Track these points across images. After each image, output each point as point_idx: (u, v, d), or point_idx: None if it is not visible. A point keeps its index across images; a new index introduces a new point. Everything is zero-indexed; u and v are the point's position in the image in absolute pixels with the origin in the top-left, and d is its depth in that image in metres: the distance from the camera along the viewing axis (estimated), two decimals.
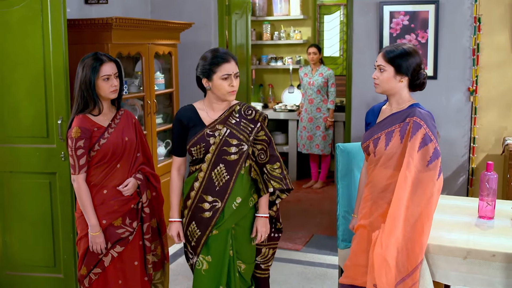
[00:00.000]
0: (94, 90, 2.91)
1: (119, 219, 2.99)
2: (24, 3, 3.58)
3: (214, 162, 2.77)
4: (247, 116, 2.83)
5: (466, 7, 4.51)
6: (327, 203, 6.19)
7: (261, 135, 2.85)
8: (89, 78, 2.89)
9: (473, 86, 4.57)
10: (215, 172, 2.77)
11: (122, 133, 2.99)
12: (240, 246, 2.90)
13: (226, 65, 2.74)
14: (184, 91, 5.17)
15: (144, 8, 5.22)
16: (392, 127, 2.66)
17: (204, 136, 2.77)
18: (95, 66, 2.90)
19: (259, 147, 2.86)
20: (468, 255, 2.53)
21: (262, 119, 2.85)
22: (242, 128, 2.80)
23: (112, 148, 2.94)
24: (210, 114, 2.83)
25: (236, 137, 2.77)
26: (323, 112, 6.56)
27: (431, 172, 2.53)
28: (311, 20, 7.53)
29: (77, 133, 2.87)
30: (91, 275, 3.00)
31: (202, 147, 2.76)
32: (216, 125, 2.79)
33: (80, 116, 2.92)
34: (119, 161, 2.98)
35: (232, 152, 2.76)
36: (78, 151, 2.88)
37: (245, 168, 2.82)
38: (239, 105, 2.86)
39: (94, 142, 2.91)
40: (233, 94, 2.78)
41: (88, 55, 2.96)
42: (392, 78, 2.66)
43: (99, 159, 2.93)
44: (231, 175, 2.77)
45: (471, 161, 4.65)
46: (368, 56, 4.80)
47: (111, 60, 2.96)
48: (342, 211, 3.31)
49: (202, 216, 2.79)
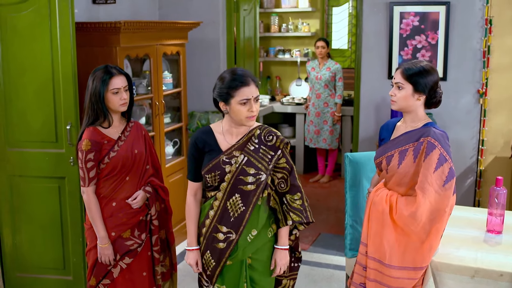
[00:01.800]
0: (103, 103, 2.92)
1: (128, 231, 3.01)
2: (32, 8, 3.57)
3: (229, 191, 2.59)
4: (267, 142, 2.63)
5: (477, 8, 4.47)
6: (334, 198, 6.21)
7: (282, 162, 2.65)
8: (98, 90, 2.90)
9: (482, 89, 4.54)
10: (230, 202, 2.60)
11: (132, 146, 3.01)
12: (259, 277, 2.74)
13: (245, 89, 2.53)
14: (192, 89, 5.17)
15: (152, 7, 5.19)
16: (406, 146, 2.66)
17: (220, 163, 2.59)
18: (105, 79, 2.90)
19: (280, 176, 2.65)
20: (476, 274, 2.54)
21: (283, 146, 2.64)
22: (261, 155, 2.61)
23: (122, 161, 2.95)
24: (227, 138, 2.65)
25: (254, 166, 2.59)
26: (330, 107, 6.54)
27: (447, 192, 2.54)
28: (319, 12, 7.47)
29: (87, 146, 2.89)
30: (100, 285, 3.03)
31: (217, 175, 2.59)
32: (233, 152, 2.61)
33: (91, 129, 2.93)
34: (128, 173, 3.00)
35: (249, 182, 2.58)
36: (88, 164, 2.90)
37: (263, 198, 2.64)
38: (259, 129, 2.66)
39: (104, 154, 2.93)
40: (253, 119, 2.58)
41: (99, 68, 2.96)
42: (410, 96, 2.65)
43: (108, 172, 2.95)
44: (247, 206, 2.59)
45: (479, 163, 4.64)
46: (377, 56, 4.78)
47: (121, 73, 2.96)
48: (350, 220, 3.32)
49: (216, 246, 2.64)
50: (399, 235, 2.63)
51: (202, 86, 5.25)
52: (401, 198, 2.63)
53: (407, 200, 2.59)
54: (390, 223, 2.64)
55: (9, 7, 3.60)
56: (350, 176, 3.31)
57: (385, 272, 2.64)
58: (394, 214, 2.61)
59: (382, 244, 2.65)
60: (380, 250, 2.66)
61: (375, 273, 2.69)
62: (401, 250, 2.62)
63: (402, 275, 2.61)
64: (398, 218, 2.59)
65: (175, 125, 4.86)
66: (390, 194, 2.67)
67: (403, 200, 2.61)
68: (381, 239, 2.65)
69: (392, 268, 2.62)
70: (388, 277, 2.64)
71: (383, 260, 2.65)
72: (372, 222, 2.71)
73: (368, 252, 2.72)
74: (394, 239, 2.63)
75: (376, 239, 2.68)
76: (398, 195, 2.66)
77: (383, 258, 2.65)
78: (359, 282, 2.80)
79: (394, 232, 2.64)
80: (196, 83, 5.24)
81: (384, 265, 2.64)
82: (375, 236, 2.69)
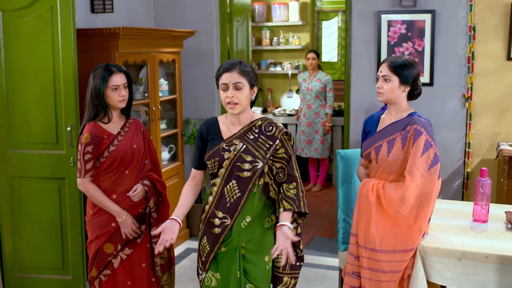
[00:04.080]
0: (103, 99, 3.05)
1: None
2: (34, 14, 3.71)
3: (227, 177, 2.69)
4: (266, 132, 2.70)
5: (461, 16, 4.66)
6: (326, 206, 6.33)
7: (281, 152, 2.71)
8: (98, 87, 3.03)
9: (468, 93, 4.71)
10: (227, 188, 2.69)
11: (131, 141, 3.13)
12: (251, 268, 2.76)
13: (225, 74, 2.63)
14: (187, 97, 5.30)
15: (147, 17, 5.34)
16: (394, 135, 2.80)
17: (219, 150, 2.69)
18: (105, 76, 3.03)
19: (278, 165, 2.72)
20: (463, 256, 2.66)
21: (282, 136, 2.70)
22: (259, 144, 2.68)
23: (121, 155, 3.07)
24: (230, 128, 2.74)
25: (251, 154, 2.66)
26: (321, 117, 6.70)
27: (432, 176, 2.69)
28: (309, 26, 7.67)
29: (87, 139, 3.01)
30: (101, 276, 3.13)
31: (217, 162, 2.69)
32: (233, 140, 2.69)
33: (92, 124, 3.06)
34: (128, 167, 3.11)
35: (246, 168, 2.66)
36: (86, 156, 3.02)
37: (258, 186, 2.71)
38: (261, 120, 2.73)
39: (103, 149, 3.05)
40: (233, 107, 2.63)
41: (100, 66, 3.09)
42: (396, 88, 2.80)
43: (108, 165, 3.07)
44: (242, 193, 2.68)
45: (466, 166, 4.79)
46: (366, 64, 4.94)
47: (121, 71, 3.10)
48: (343, 215, 3.44)
49: (212, 231, 2.72)
50: (387, 222, 2.76)
51: (196, 94, 5.39)
52: (389, 183, 2.77)
53: (395, 185, 2.73)
54: (379, 211, 2.77)
55: (12, 13, 3.74)
56: (342, 171, 3.44)
57: (377, 258, 2.76)
58: (383, 199, 2.73)
59: (372, 233, 2.77)
60: (371, 238, 2.78)
61: (368, 261, 2.80)
62: (391, 235, 2.74)
63: (394, 258, 2.73)
64: (388, 203, 2.72)
65: (171, 131, 4.98)
66: (377, 183, 2.80)
67: (391, 185, 2.74)
68: (371, 227, 2.78)
69: (384, 252, 2.74)
70: (380, 262, 2.75)
71: (374, 247, 2.77)
72: (361, 213, 2.84)
73: (359, 242, 2.84)
74: (383, 226, 2.76)
75: (366, 228, 2.80)
76: (385, 182, 2.79)
77: (374, 245, 2.77)
78: (352, 271, 2.91)
79: (383, 220, 2.76)
80: (190, 91, 5.37)
81: (375, 252, 2.76)
82: (365, 226, 2.81)
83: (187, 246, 5.02)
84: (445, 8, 4.69)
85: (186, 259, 4.73)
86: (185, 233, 5.16)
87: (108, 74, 3.05)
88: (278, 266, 2.82)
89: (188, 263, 4.65)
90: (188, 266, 4.57)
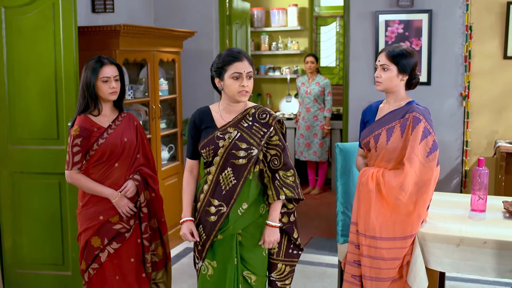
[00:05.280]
0: (93, 91, 3.06)
1: (116, 216, 3.12)
2: (36, 11, 3.75)
3: (222, 165, 2.71)
4: (260, 120, 2.74)
5: (458, 16, 4.72)
6: (325, 207, 6.34)
7: (275, 140, 2.75)
8: (89, 79, 3.05)
9: (465, 92, 4.76)
10: (222, 176, 2.71)
11: (121, 134, 3.13)
12: (248, 254, 2.80)
13: (238, 63, 2.66)
14: (187, 97, 5.34)
15: (148, 18, 5.40)
16: (392, 123, 2.84)
17: (214, 138, 2.71)
18: (95, 67, 3.05)
19: (273, 153, 2.75)
20: (461, 242, 2.69)
21: (276, 123, 2.75)
22: (253, 132, 2.71)
23: (110, 148, 3.07)
24: (224, 116, 2.76)
25: (246, 141, 2.69)
26: (320, 120, 6.73)
27: (431, 163, 2.72)
28: (308, 31, 7.74)
29: (76, 132, 3.03)
30: (89, 270, 3.12)
31: (211, 150, 2.70)
32: (228, 128, 2.72)
33: (82, 116, 3.08)
34: (117, 160, 3.12)
35: (241, 156, 2.68)
36: (74, 148, 3.04)
37: (254, 173, 2.74)
38: (255, 108, 2.78)
39: (93, 142, 3.06)
40: (244, 95, 2.68)
41: (93, 58, 3.12)
42: (395, 77, 2.84)
43: (97, 158, 3.08)
44: (238, 180, 2.70)
45: (464, 164, 4.82)
46: (364, 63, 4.99)
47: (112, 64, 3.11)
48: (342, 207, 3.46)
49: (208, 219, 2.74)
50: (387, 210, 2.78)
51: (196, 95, 5.43)
52: (388, 171, 2.80)
53: (395, 173, 2.76)
54: (378, 199, 2.80)
55: (14, 10, 3.78)
56: (340, 164, 3.47)
57: (377, 245, 2.78)
58: (382, 187, 2.76)
59: (372, 220, 2.80)
60: (371, 226, 2.80)
61: (368, 249, 2.82)
62: (391, 223, 2.76)
63: (394, 245, 2.75)
64: (387, 191, 2.74)
65: (170, 130, 5.01)
66: (376, 171, 2.83)
67: (391, 173, 2.77)
68: (371, 215, 2.80)
69: (383, 240, 2.76)
70: (380, 249, 2.77)
71: (374, 235, 2.79)
72: (361, 201, 2.86)
73: (359, 230, 2.86)
74: (383, 214, 2.78)
75: (366, 216, 2.83)
76: (384, 169, 2.82)
77: (373, 233, 2.79)
78: (353, 260, 2.93)
79: (382, 208, 2.79)
80: (190, 92, 5.41)
81: (375, 239, 2.78)
82: (365, 214, 2.83)
83: (186, 246, 5.03)
84: (441, 8, 4.75)
85: (186, 258, 4.74)
86: None
87: (99, 66, 3.06)
88: (272, 253, 2.88)
89: (188, 261, 4.66)
90: (187, 264, 4.58)
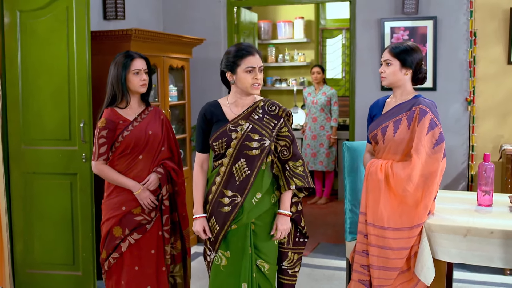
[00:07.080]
0: (125, 84, 3.16)
1: (138, 207, 3.18)
2: (50, 14, 3.86)
3: (235, 156, 2.77)
4: (270, 112, 2.83)
5: (462, 22, 4.80)
6: (332, 216, 6.37)
7: (284, 131, 2.84)
8: (120, 72, 3.15)
9: (470, 97, 4.82)
10: (236, 167, 2.77)
11: (146, 127, 3.21)
12: (261, 244, 2.86)
13: (250, 58, 2.75)
14: (195, 104, 5.41)
15: (157, 26, 5.52)
16: (399, 116, 2.90)
17: (226, 131, 2.78)
18: (126, 61, 3.16)
19: (282, 143, 2.84)
20: (468, 232, 2.72)
21: (285, 115, 2.85)
22: (264, 123, 2.80)
23: (135, 140, 3.16)
24: (233, 110, 2.84)
25: (258, 132, 2.77)
26: (326, 130, 6.80)
27: (437, 154, 2.78)
28: (314, 43, 7.84)
29: (103, 124, 3.13)
30: (110, 259, 3.18)
31: (224, 142, 2.77)
32: (239, 121, 2.80)
33: (109, 109, 3.18)
34: (141, 152, 3.19)
35: (254, 147, 2.76)
36: (100, 140, 3.13)
37: (267, 163, 2.81)
38: (263, 101, 2.86)
39: (118, 134, 3.15)
40: (257, 88, 2.77)
41: (119, 54, 3.22)
42: (398, 71, 2.91)
43: (122, 150, 3.16)
44: (252, 170, 2.76)
45: (470, 168, 4.86)
46: (370, 70, 5.07)
47: (141, 57, 3.22)
48: (349, 205, 3.50)
49: (221, 210, 2.78)
50: (394, 201, 2.83)
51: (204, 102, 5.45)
52: (396, 163, 2.85)
53: (403, 164, 2.81)
54: (387, 189, 2.84)
55: (29, 13, 3.89)
56: (348, 162, 3.52)
57: (385, 235, 2.82)
58: (391, 178, 2.81)
59: (380, 210, 2.84)
60: (379, 216, 2.85)
61: (376, 239, 2.86)
62: (398, 213, 2.81)
63: (401, 236, 2.79)
64: (396, 182, 2.79)
65: (179, 136, 5.07)
66: (385, 163, 2.88)
67: (399, 165, 2.82)
68: (379, 205, 2.85)
69: (391, 230, 2.80)
70: (388, 239, 2.81)
71: (382, 225, 2.83)
72: (370, 191, 2.91)
73: (368, 220, 2.90)
74: (390, 204, 2.83)
75: (374, 206, 2.87)
76: (392, 161, 2.87)
77: (381, 222, 2.83)
78: (362, 250, 2.96)
79: (390, 198, 2.83)
80: (198, 99, 5.48)
81: (383, 229, 2.83)
82: (374, 204, 2.88)
83: (195, 251, 5.06)
84: (446, 15, 4.84)
85: (194, 262, 4.77)
86: (193, 238, 5.21)
87: (129, 59, 3.17)
88: (282, 242, 2.97)
89: (196, 265, 4.68)
90: (196, 268, 4.60)
